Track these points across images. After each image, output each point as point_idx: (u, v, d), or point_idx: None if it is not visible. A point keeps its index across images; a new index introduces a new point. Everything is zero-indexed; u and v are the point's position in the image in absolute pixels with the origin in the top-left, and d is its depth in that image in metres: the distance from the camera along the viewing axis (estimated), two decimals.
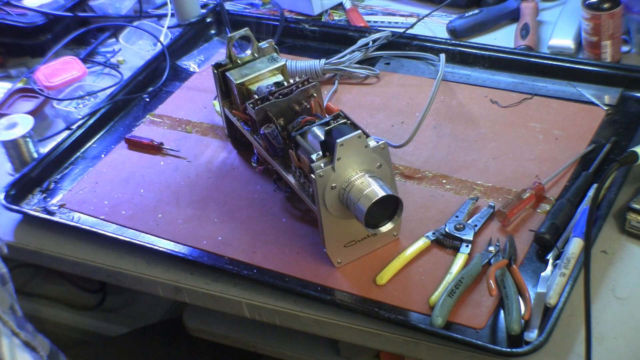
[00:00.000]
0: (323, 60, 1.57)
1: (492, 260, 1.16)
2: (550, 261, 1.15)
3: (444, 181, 1.33)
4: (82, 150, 1.53)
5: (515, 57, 1.53)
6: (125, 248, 1.31)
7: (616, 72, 1.45)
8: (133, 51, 1.77)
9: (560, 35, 1.57)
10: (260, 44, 1.38)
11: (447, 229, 1.22)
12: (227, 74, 1.36)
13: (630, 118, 1.38)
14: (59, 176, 1.48)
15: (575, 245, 1.14)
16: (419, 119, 1.36)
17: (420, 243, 1.22)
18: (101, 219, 1.37)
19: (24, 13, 1.79)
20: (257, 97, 1.28)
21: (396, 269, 1.18)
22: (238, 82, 1.34)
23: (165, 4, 1.88)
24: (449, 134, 1.42)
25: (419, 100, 1.49)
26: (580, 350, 1.03)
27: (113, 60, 1.78)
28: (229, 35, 1.37)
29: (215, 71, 1.38)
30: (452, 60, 1.56)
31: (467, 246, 1.19)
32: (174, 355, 1.55)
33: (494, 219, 1.24)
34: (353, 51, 1.60)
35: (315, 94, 1.28)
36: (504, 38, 1.65)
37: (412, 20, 1.71)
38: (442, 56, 1.51)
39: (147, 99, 1.63)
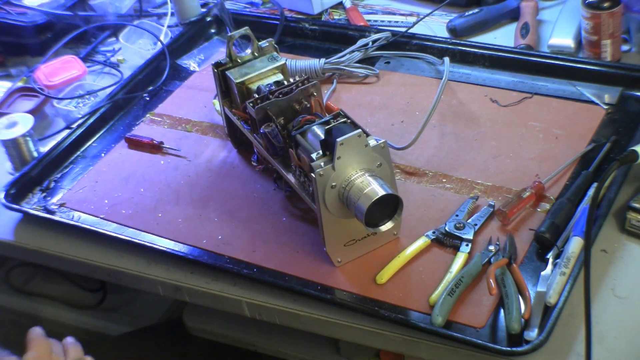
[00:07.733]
0: (323, 60, 1.57)
1: (492, 259, 1.16)
2: (550, 260, 1.15)
3: (444, 180, 1.33)
4: (82, 149, 1.53)
5: (515, 56, 1.53)
6: (125, 247, 1.31)
7: (616, 71, 1.45)
8: (133, 50, 1.77)
9: (560, 34, 1.57)
10: (260, 43, 1.38)
11: (447, 228, 1.22)
12: (227, 73, 1.36)
13: (630, 117, 1.38)
14: (59, 175, 1.48)
15: (575, 244, 1.13)
16: (422, 124, 1.36)
17: (420, 242, 1.21)
18: (101, 218, 1.37)
19: (24, 12, 1.79)
20: (257, 96, 1.29)
21: (396, 268, 1.18)
22: (238, 81, 1.34)
23: (165, 3, 1.87)
24: (449, 133, 1.42)
25: (419, 99, 1.49)
26: (580, 350, 1.03)
27: (113, 60, 1.78)
28: (229, 34, 1.37)
29: (215, 70, 1.38)
30: (452, 60, 1.55)
31: (467, 245, 1.19)
32: (174, 355, 1.54)
33: (494, 218, 1.24)
34: (353, 51, 1.60)
35: (315, 93, 1.28)
36: (504, 37, 1.65)
37: (412, 19, 1.71)
38: (447, 59, 1.51)
39: (147, 98, 1.63)
